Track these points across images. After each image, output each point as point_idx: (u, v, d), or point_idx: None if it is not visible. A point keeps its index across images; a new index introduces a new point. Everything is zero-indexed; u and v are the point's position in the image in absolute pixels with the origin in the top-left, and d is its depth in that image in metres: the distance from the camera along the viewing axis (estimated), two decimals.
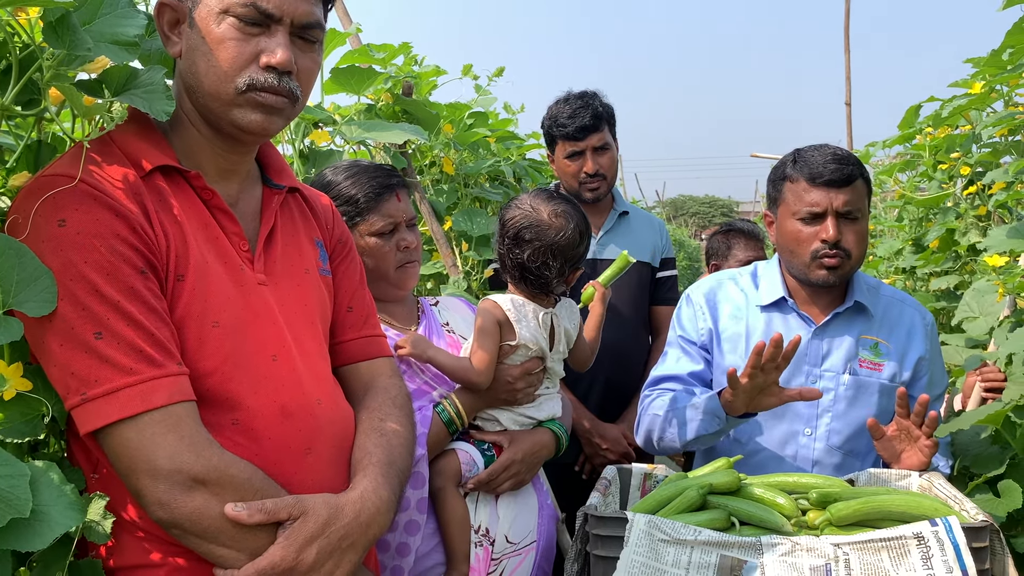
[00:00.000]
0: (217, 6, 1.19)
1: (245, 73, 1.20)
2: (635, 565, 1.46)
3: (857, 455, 1.93)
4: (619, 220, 2.84)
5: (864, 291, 1.98)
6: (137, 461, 1.08)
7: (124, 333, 1.08)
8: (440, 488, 1.74)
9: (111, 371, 1.07)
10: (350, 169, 1.87)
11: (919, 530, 1.40)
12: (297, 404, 1.26)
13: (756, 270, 2.09)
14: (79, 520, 0.97)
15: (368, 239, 1.82)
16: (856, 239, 1.88)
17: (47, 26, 1.05)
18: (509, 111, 4.11)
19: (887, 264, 4.24)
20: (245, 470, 1.15)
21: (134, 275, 1.11)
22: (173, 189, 1.22)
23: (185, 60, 1.23)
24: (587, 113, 2.65)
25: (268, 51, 1.20)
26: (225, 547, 1.12)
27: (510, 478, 1.78)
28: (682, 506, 1.57)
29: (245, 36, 1.20)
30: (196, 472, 1.10)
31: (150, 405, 1.08)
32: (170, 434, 1.09)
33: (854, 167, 1.88)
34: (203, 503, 1.10)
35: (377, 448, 1.35)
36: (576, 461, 2.65)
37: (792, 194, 1.92)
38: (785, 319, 1.98)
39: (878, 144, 4.53)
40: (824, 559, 1.41)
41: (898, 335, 1.97)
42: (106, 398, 1.06)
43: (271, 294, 1.30)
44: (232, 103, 1.22)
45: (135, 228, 1.13)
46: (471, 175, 3.08)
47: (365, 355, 1.50)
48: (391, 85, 2.60)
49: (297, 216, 1.45)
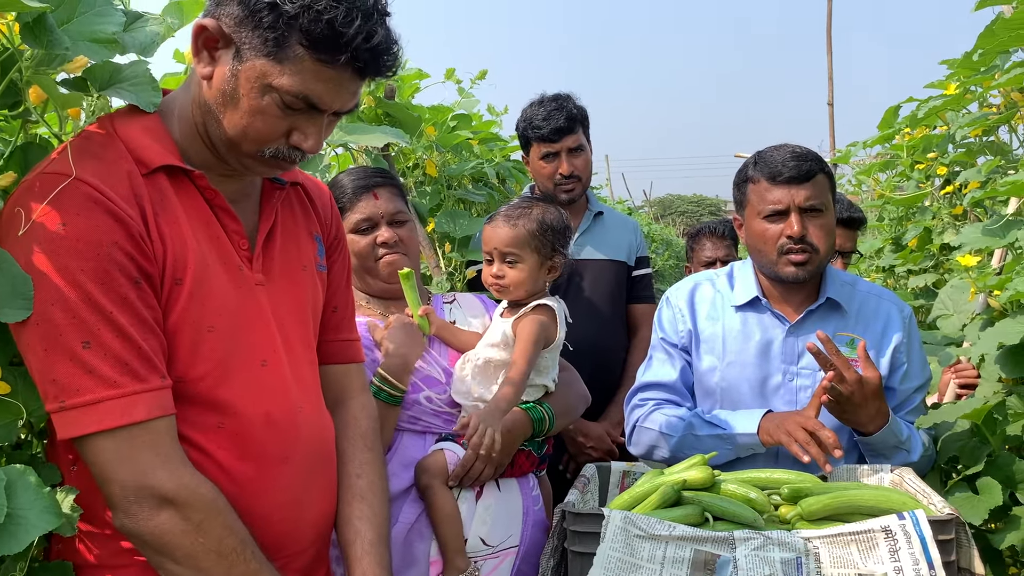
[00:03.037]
0: (266, 79, 1.16)
1: (273, 145, 1.21)
2: (611, 560, 1.49)
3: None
4: (594, 221, 2.88)
5: (838, 288, 2.01)
6: (110, 472, 1.10)
7: (111, 344, 1.09)
8: (427, 486, 1.76)
9: (94, 382, 1.08)
10: (342, 175, 1.98)
11: (887, 524, 1.44)
12: (281, 412, 1.29)
13: (732, 271, 2.12)
14: (56, 523, 0.98)
15: (347, 235, 1.87)
16: (822, 233, 1.91)
17: (24, 27, 1.07)
18: (493, 113, 4.14)
19: (868, 263, 4.29)
20: (212, 491, 1.17)
21: (128, 285, 1.11)
22: (176, 188, 1.22)
23: (214, 93, 1.20)
24: (561, 115, 2.68)
25: (302, 134, 1.21)
26: (181, 566, 1.14)
27: (485, 462, 1.77)
28: (657, 502, 1.60)
29: (284, 115, 1.19)
30: (167, 490, 1.11)
31: (130, 420, 1.09)
32: (147, 450, 1.11)
33: (813, 163, 1.92)
34: (168, 520, 1.12)
35: (364, 524, 1.41)
36: (560, 460, 2.67)
37: (755, 194, 1.96)
38: (760, 318, 2.01)
39: (858, 144, 4.58)
40: (795, 553, 1.44)
41: (874, 329, 1.99)
42: (86, 408, 1.08)
43: (267, 295, 1.32)
44: (249, 156, 1.23)
45: (133, 235, 1.13)
46: (454, 177, 3.10)
47: (341, 358, 1.54)
48: (373, 88, 2.62)
49: (298, 210, 1.45)
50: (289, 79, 1.15)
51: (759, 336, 1.99)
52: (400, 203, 1.97)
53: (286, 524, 1.30)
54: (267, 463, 1.27)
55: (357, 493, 1.43)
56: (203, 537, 1.14)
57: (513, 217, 1.91)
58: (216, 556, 1.14)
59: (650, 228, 14.64)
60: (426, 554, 1.77)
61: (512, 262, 1.91)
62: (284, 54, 1.15)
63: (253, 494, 1.25)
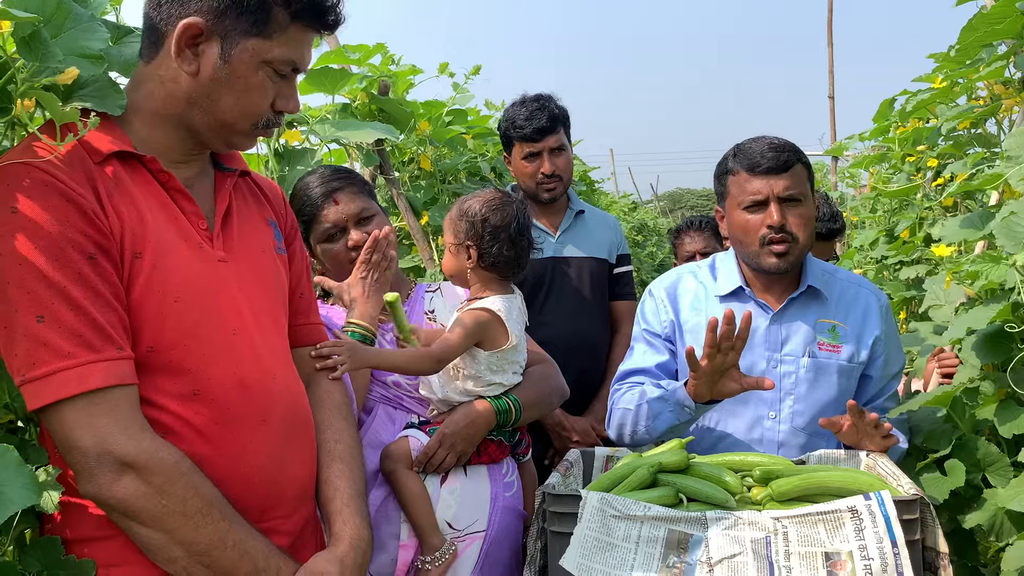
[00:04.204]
0: (259, 56, 1.30)
1: (264, 116, 1.35)
2: (588, 540, 1.54)
3: (822, 435, 1.99)
4: (576, 219, 2.92)
5: (818, 276, 2.06)
6: (72, 440, 1.15)
7: (65, 317, 1.14)
8: (392, 471, 1.81)
9: (50, 354, 1.13)
10: (302, 181, 2.03)
11: (853, 504, 1.49)
12: (254, 377, 1.34)
13: (714, 262, 2.16)
14: (35, 499, 1.03)
15: (319, 246, 1.98)
16: (801, 222, 1.96)
17: (20, 41, 1.12)
18: (490, 107, 4.19)
19: (861, 254, 4.32)
20: (173, 454, 1.21)
21: (82, 260, 1.16)
22: (130, 173, 1.28)
23: (202, 84, 1.29)
24: (543, 115, 2.72)
25: (284, 98, 1.36)
26: (148, 528, 1.19)
27: (448, 451, 1.82)
28: (634, 484, 1.65)
29: (273, 84, 1.34)
30: (127, 455, 1.16)
31: (85, 387, 1.14)
32: (105, 417, 1.16)
33: (790, 153, 1.97)
34: (130, 485, 1.16)
35: (342, 481, 1.47)
36: (546, 455, 2.72)
37: (735, 186, 2.01)
38: (743, 307, 2.04)
39: (855, 137, 4.61)
40: (764, 532, 1.49)
41: (854, 317, 2.04)
42: (44, 380, 1.13)
43: (230, 271, 1.37)
44: (242, 133, 1.36)
45: (86, 213, 1.18)
46: (449, 171, 3.15)
47: (309, 340, 1.60)
48: (366, 84, 2.67)
49: (250, 198, 1.52)
50: (280, 50, 1.30)
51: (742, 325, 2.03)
52: (363, 200, 2.00)
53: (268, 486, 1.35)
54: (245, 426, 1.31)
55: (336, 456, 1.49)
56: (166, 499, 1.18)
57: (455, 204, 1.97)
58: (181, 517, 1.19)
59: (656, 222, 14.64)
60: (394, 536, 1.82)
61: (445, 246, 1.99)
62: (271, 29, 1.29)
63: (233, 457, 1.30)
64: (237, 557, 1.24)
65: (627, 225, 11.31)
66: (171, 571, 1.22)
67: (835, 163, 6.79)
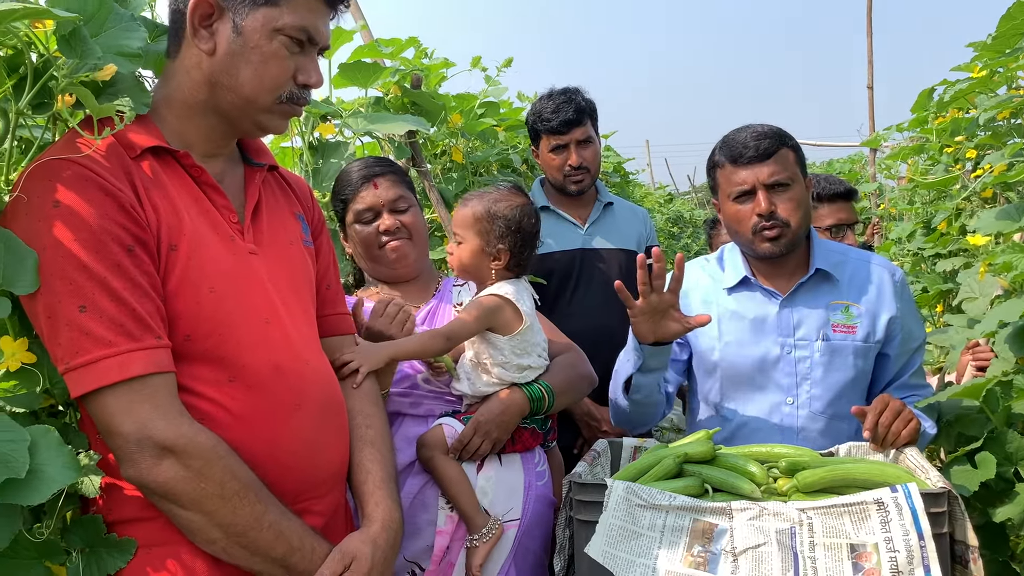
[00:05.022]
0: (271, 24, 1.32)
1: (286, 88, 1.36)
2: (613, 528, 1.56)
3: (842, 418, 1.99)
4: (604, 211, 2.94)
5: (827, 258, 2.04)
6: (114, 426, 1.19)
7: (106, 307, 1.18)
8: (429, 457, 1.85)
9: (92, 343, 1.17)
10: (347, 166, 2.07)
11: (879, 496, 1.48)
12: (288, 364, 1.38)
13: (722, 254, 2.17)
14: (75, 477, 1.07)
15: (353, 226, 2.03)
16: (791, 206, 1.95)
17: (61, 39, 1.17)
18: (523, 99, 4.20)
19: (898, 247, 4.27)
20: (211, 439, 1.25)
21: (121, 252, 1.21)
22: (164, 168, 1.33)
23: (220, 61, 1.33)
24: (570, 108, 2.74)
25: (305, 71, 1.37)
26: (187, 511, 1.23)
27: (483, 438, 1.85)
28: (659, 474, 1.66)
29: (290, 55, 1.35)
30: (166, 440, 1.20)
31: (126, 375, 1.18)
32: (145, 403, 1.20)
33: (773, 140, 1.97)
34: (169, 468, 1.20)
35: (374, 464, 1.52)
36: (575, 444, 2.74)
37: (723, 178, 2.02)
38: (752, 296, 2.05)
39: (892, 128, 4.54)
40: (789, 523, 1.49)
41: (868, 295, 2.02)
42: (86, 368, 1.17)
43: (261, 263, 1.42)
44: (267, 110, 1.37)
45: (124, 206, 1.22)
46: (480, 163, 3.18)
47: (336, 331, 1.64)
48: (398, 78, 2.70)
49: (278, 192, 1.57)
50: (290, 16, 1.33)
51: (753, 314, 2.04)
52: (401, 190, 2.04)
53: (304, 468, 1.39)
54: (280, 411, 1.36)
55: (368, 441, 1.54)
56: (204, 482, 1.22)
57: (472, 198, 1.96)
58: (219, 499, 1.23)
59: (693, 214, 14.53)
60: (431, 523, 1.85)
61: (458, 241, 1.96)
62: None
63: (269, 441, 1.34)
64: (273, 537, 1.28)
65: (663, 216, 11.26)
66: (210, 551, 1.27)
67: (874, 154, 6.68)
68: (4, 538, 1.04)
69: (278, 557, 1.29)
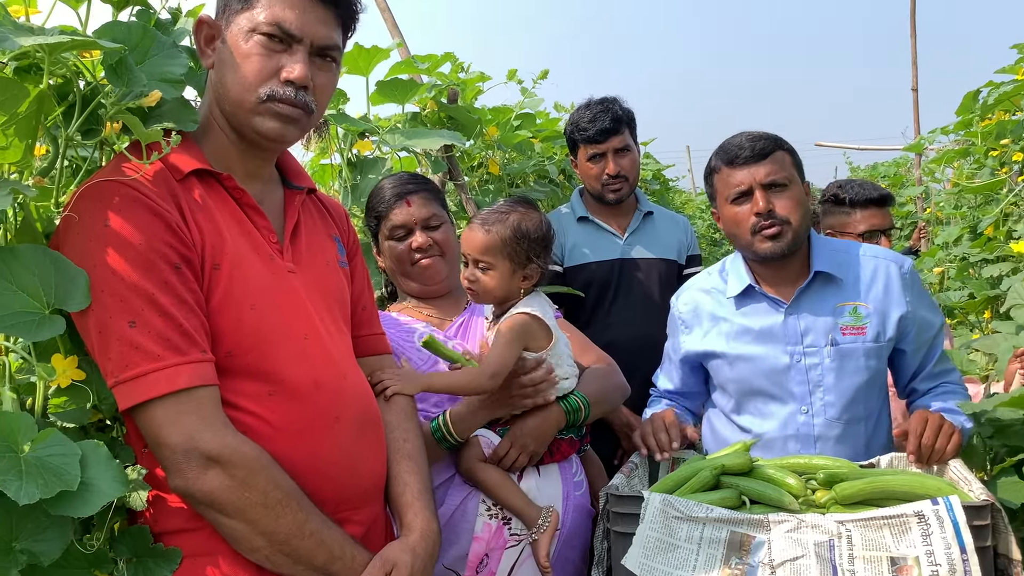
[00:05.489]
0: (247, 25, 1.35)
1: (267, 85, 1.35)
2: (650, 540, 1.56)
3: (858, 421, 1.97)
4: (644, 220, 2.93)
5: (829, 259, 2.01)
6: (162, 437, 1.23)
7: (155, 323, 1.22)
8: (469, 468, 1.86)
9: (141, 357, 1.21)
10: (382, 182, 2.10)
11: (920, 508, 1.46)
12: (327, 378, 1.41)
13: (724, 265, 2.15)
14: (123, 490, 1.11)
15: (386, 243, 2.06)
16: (790, 205, 1.93)
17: (108, 67, 1.22)
18: (560, 110, 4.23)
19: (944, 252, 4.18)
20: (254, 449, 1.28)
21: (169, 270, 1.25)
22: (207, 190, 1.38)
23: (216, 72, 1.40)
24: (607, 116, 2.75)
25: (287, 67, 1.36)
26: (232, 519, 1.26)
27: (519, 451, 1.86)
28: (696, 486, 1.66)
29: (269, 53, 1.35)
30: (212, 450, 1.23)
31: (173, 387, 1.22)
32: (192, 414, 1.23)
33: (768, 141, 1.96)
34: (215, 478, 1.23)
35: (412, 476, 1.54)
36: (615, 455, 2.73)
37: (721, 182, 2.01)
38: (756, 307, 2.03)
39: (937, 131, 4.47)
40: (828, 535, 1.48)
41: (875, 292, 1.98)
42: (135, 381, 1.21)
43: (299, 281, 1.45)
44: (253, 111, 1.37)
45: (171, 226, 1.27)
46: (517, 175, 3.20)
47: (373, 351, 1.68)
48: (435, 93, 2.74)
49: (316, 214, 1.61)
50: (264, 13, 1.34)
51: (759, 325, 2.01)
52: (434, 207, 2.06)
53: (343, 479, 1.42)
54: (319, 424, 1.38)
55: (405, 454, 1.57)
56: (248, 492, 1.25)
57: (489, 222, 1.88)
58: (263, 508, 1.26)
59: None
60: (468, 531, 1.86)
61: (484, 268, 1.89)
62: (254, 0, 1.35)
63: (310, 452, 1.37)
64: (315, 545, 1.31)
65: (704, 223, 11.15)
66: (254, 559, 1.30)
67: (919, 158, 6.56)
68: (56, 548, 1.09)
69: (320, 565, 1.32)
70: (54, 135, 1.28)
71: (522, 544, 1.85)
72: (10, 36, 1.07)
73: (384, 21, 2.92)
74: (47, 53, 1.14)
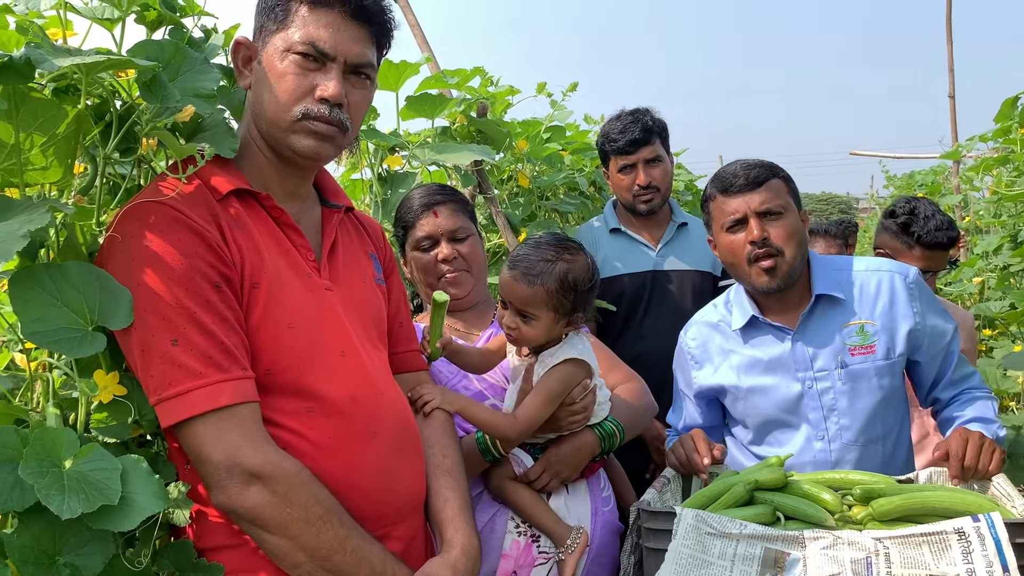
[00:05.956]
0: (282, 45, 1.37)
1: (301, 104, 1.37)
2: (683, 557, 1.55)
3: (876, 441, 1.94)
4: (678, 231, 2.91)
5: (829, 280, 1.98)
6: (204, 454, 1.24)
7: (197, 341, 1.24)
8: (499, 486, 1.86)
9: (183, 374, 1.23)
10: (408, 195, 2.11)
11: (960, 525, 1.43)
12: (364, 393, 1.42)
13: (728, 297, 2.13)
14: (163, 506, 1.12)
15: (412, 252, 2.06)
16: (784, 234, 1.91)
17: (142, 85, 1.24)
18: (590, 122, 4.22)
19: (984, 261, 4.10)
20: (295, 465, 1.29)
21: (210, 288, 1.27)
22: (247, 210, 1.40)
23: (253, 92, 1.43)
24: (637, 127, 2.75)
25: (322, 85, 1.37)
26: (274, 535, 1.27)
27: (551, 476, 1.85)
28: (730, 501, 1.64)
29: (303, 72, 1.37)
30: (254, 466, 1.24)
31: (215, 404, 1.23)
32: (233, 431, 1.25)
33: (762, 170, 1.95)
34: (257, 494, 1.24)
35: (452, 492, 1.55)
36: (646, 469, 2.71)
37: (716, 210, 1.99)
38: (762, 339, 2.01)
39: (975, 139, 4.39)
40: (865, 552, 1.46)
41: (881, 307, 1.96)
42: (178, 398, 1.22)
43: (336, 299, 1.47)
44: (289, 129, 1.39)
45: (212, 246, 1.29)
46: (547, 187, 3.20)
47: (410, 367, 1.69)
48: (464, 107, 2.75)
49: (353, 232, 1.63)
50: (296, 32, 1.37)
51: (767, 355, 1.99)
52: (461, 219, 2.06)
53: (382, 494, 1.42)
54: (357, 439, 1.39)
55: (444, 470, 1.57)
56: (290, 507, 1.25)
57: (533, 273, 1.76)
58: (304, 524, 1.27)
59: None
60: (497, 548, 1.86)
61: (526, 319, 1.80)
62: (289, 20, 1.38)
63: (348, 468, 1.37)
64: (356, 562, 1.31)
65: None
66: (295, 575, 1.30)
67: (957, 166, 6.45)
68: (98, 562, 1.10)
69: None
70: (92, 154, 1.31)
71: (551, 562, 1.85)
72: (49, 58, 1.09)
73: (414, 36, 2.94)
74: (84, 73, 1.17)
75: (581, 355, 1.83)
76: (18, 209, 1.09)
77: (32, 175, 1.23)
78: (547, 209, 3.22)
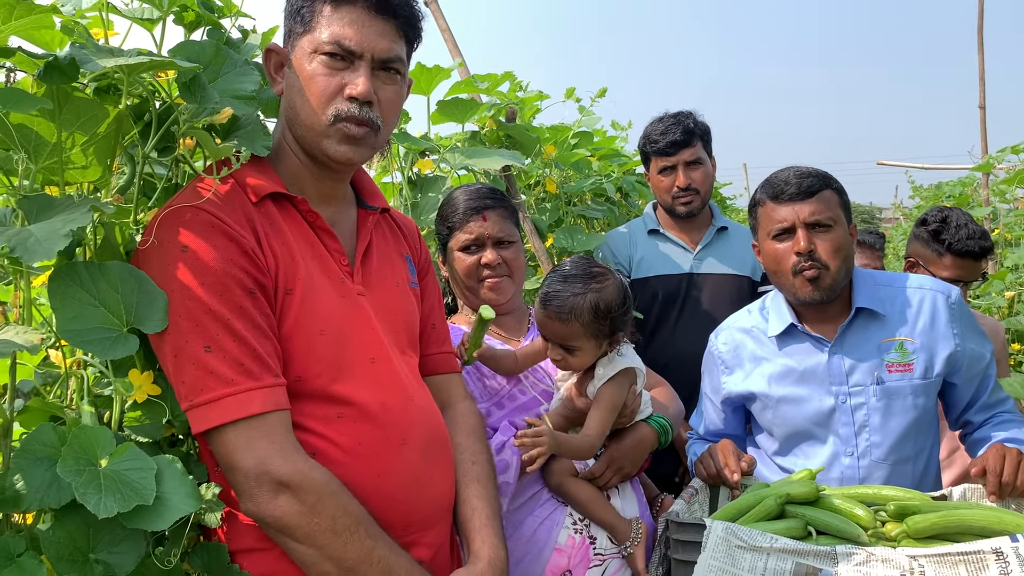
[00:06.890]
0: (309, 47, 1.37)
1: (332, 105, 1.36)
2: (712, 570, 1.53)
3: (906, 461, 1.91)
4: (717, 235, 2.89)
5: (871, 294, 1.95)
6: (234, 461, 1.24)
7: (230, 348, 1.23)
8: (559, 483, 1.85)
9: (216, 381, 1.22)
10: (459, 191, 2.08)
11: (998, 545, 1.41)
12: (394, 400, 1.42)
13: (764, 303, 2.10)
14: (196, 506, 1.12)
15: (456, 253, 2.05)
16: (831, 248, 1.88)
17: (182, 86, 1.25)
18: (617, 128, 4.21)
19: (1014, 275, 4.04)
20: (324, 475, 1.28)
21: (244, 295, 1.27)
22: (282, 213, 1.40)
23: (286, 98, 1.42)
24: (678, 129, 2.74)
25: (350, 83, 1.36)
26: (301, 544, 1.26)
27: (614, 473, 1.86)
28: (760, 514, 1.62)
29: (331, 71, 1.36)
30: (283, 475, 1.24)
31: (246, 412, 1.23)
32: (263, 439, 1.24)
33: (816, 179, 1.91)
34: (286, 503, 1.24)
35: (480, 501, 1.53)
36: (676, 473, 2.70)
37: (764, 216, 1.96)
38: (799, 347, 1.98)
39: (1006, 150, 4.33)
40: (899, 570, 1.43)
41: (922, 325, 1.92)
42: (209, 405, 1.22)
43: (368, 303, 1.46)
44: (323, 134, 1.38)
45: (247, 252, 1.29)
46: (574, 193, 3.19)
47: (443, 369, 1.68)
48: (494, 112, 2.75)
49: (388, 234, 1.62)
50: (322, 32, 1.36)
51: (803, 365, 1.96)
52: (508, 226, 2.05)
53: (411, 501, 1.42)
54: (387, 446, 1.39)
55: (474, 477, 1.56)
56: (318, 517, 1.25)
57: (564, 310, 1.79)
58: (331, 534, 1.26)
59: None
60: (551, 544, 1.83)
61: (569, 350, 1.84)
62: (314, 21, 1.37)
63: (377, 475, 1.37)
64: (382, 573, 1.30)
65: None
66: None
67: (987, 177, 6.37)
68: (131, 560, 1.10)
69: None
70: (131, 154, 1.31)
71: (605, 564, 1.84)
72: (93, 58, 1.10)
73: (444, 41, 2.94)
74: (126, 74, 1.17)
75: (631, 364, 1.87)
76: (59, 208, 1.09)
77: (72, 174, 1.24)
78: (574, 215, 3.21)
